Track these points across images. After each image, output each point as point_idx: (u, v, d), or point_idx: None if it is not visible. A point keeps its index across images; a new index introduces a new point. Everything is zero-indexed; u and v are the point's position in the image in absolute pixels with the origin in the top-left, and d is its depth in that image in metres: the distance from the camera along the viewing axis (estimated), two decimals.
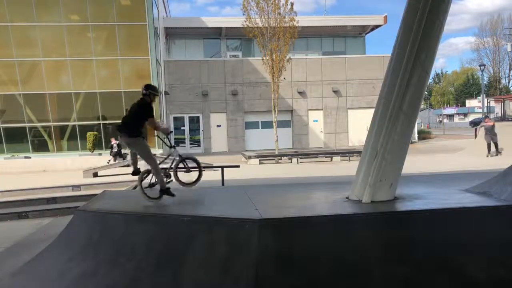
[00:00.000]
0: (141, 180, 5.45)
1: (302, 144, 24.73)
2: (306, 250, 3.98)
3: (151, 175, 5.46)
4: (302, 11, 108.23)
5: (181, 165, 5.71)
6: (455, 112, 66.61)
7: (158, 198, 5.43)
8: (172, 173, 5.64)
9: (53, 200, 10.81)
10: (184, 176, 5.79)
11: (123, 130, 5.26)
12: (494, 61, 55.88)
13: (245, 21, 18.95)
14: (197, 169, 5.78)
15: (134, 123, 5.25)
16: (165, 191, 5.43)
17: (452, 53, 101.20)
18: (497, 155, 15.72)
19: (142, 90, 5.37)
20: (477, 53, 58.58)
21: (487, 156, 15.74)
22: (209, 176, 11.69)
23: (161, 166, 5.51)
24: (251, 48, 27.88)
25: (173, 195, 5.47)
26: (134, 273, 4.23)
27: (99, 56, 20.73)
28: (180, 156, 5.68)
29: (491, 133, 15.96)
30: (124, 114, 5.87)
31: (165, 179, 5.46)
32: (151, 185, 5.50)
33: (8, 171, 17.61)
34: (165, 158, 5.92)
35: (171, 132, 5.89)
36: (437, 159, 16.05)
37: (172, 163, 5.71)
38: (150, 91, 5.37)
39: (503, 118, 24.64)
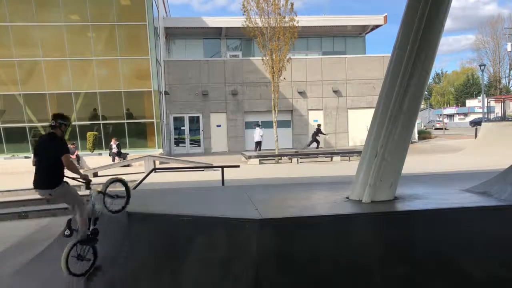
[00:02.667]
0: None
1: (302, 144, 24.72)
2: (306, 250, 3.98)
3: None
4: (302, 8, 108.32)
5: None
6: (455, 112, 66.60)
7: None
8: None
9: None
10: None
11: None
12: (494, 61, 55.87)
13: (245, 21, 18.94)
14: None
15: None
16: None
17: (452, 52, 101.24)
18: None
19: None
20: (477, 53, 58.61)
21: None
22: (209, 176, 11.69)
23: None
24: (251, 48, 27.86)
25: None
26: (134, 273, 4.23)
27: (99, 56, 20.71)
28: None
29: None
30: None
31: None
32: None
33: (8, 171, 17.61)
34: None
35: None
36: (437, 159, 16.05)
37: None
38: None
39: (503, 118, 24.61)
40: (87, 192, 4.85)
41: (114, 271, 4.37)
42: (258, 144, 21.17)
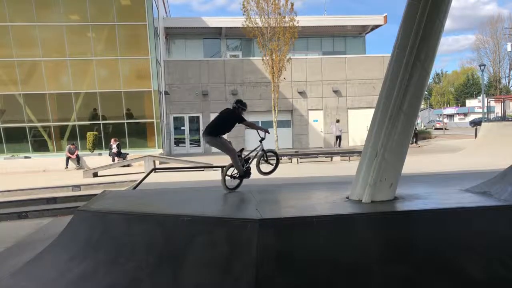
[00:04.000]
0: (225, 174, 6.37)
1: (302, 144, 24.72)
2: (306, 250, 3.98)
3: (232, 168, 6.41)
4: (302, 8, 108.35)
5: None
6: (455, 112, 66.63)
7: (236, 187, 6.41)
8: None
9: (53, 200, 10.80)
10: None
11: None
12: (494, 61, 55.91)
13: (245, 21, 18.95)
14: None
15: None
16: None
17: (452, 52, 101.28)
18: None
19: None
20: (477, 53, 58.64)
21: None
22: (209, 176, 11.69)
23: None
24: (251, 48, 27.87)
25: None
26: (134, 273, 4.23)
27: (99, 56, 20.72)
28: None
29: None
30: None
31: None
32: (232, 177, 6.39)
33: (8, 171, 17.61)
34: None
35: None
36: (437, 159, 16.05)
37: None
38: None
39: (503, 118, 24.60)
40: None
41: (114, 271, 4.37)
42: (338, 138, 21.98)
